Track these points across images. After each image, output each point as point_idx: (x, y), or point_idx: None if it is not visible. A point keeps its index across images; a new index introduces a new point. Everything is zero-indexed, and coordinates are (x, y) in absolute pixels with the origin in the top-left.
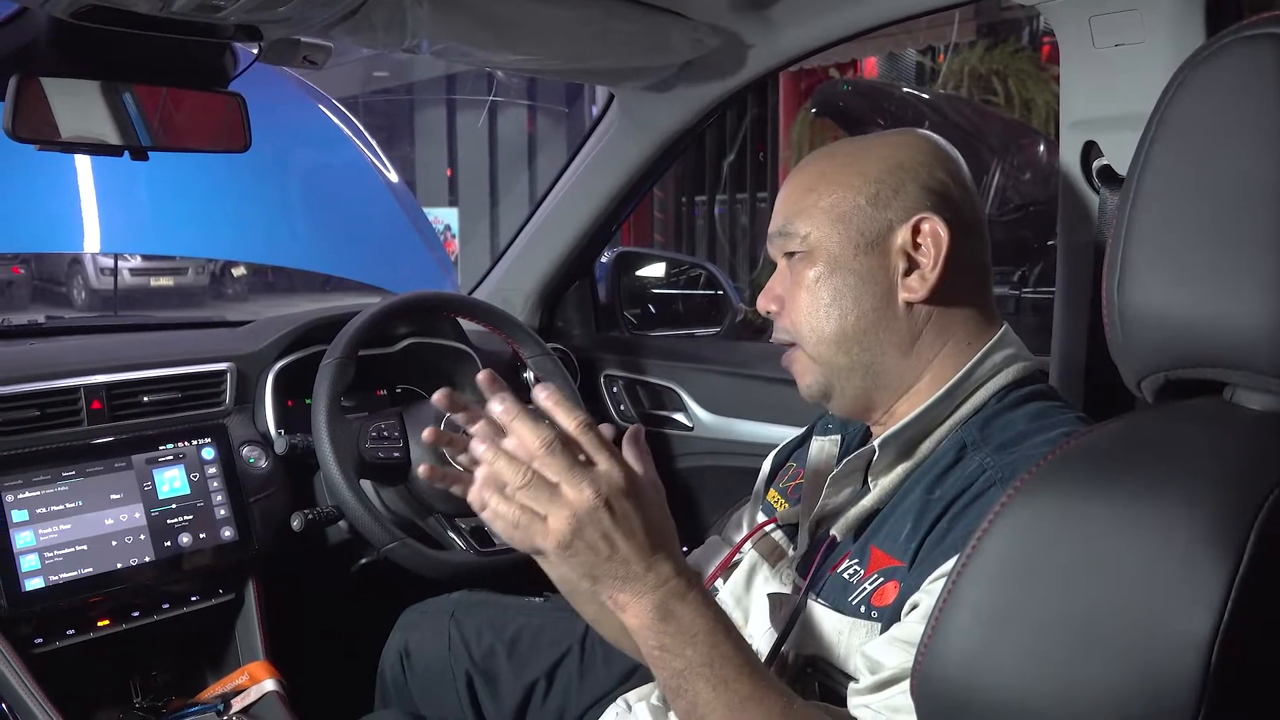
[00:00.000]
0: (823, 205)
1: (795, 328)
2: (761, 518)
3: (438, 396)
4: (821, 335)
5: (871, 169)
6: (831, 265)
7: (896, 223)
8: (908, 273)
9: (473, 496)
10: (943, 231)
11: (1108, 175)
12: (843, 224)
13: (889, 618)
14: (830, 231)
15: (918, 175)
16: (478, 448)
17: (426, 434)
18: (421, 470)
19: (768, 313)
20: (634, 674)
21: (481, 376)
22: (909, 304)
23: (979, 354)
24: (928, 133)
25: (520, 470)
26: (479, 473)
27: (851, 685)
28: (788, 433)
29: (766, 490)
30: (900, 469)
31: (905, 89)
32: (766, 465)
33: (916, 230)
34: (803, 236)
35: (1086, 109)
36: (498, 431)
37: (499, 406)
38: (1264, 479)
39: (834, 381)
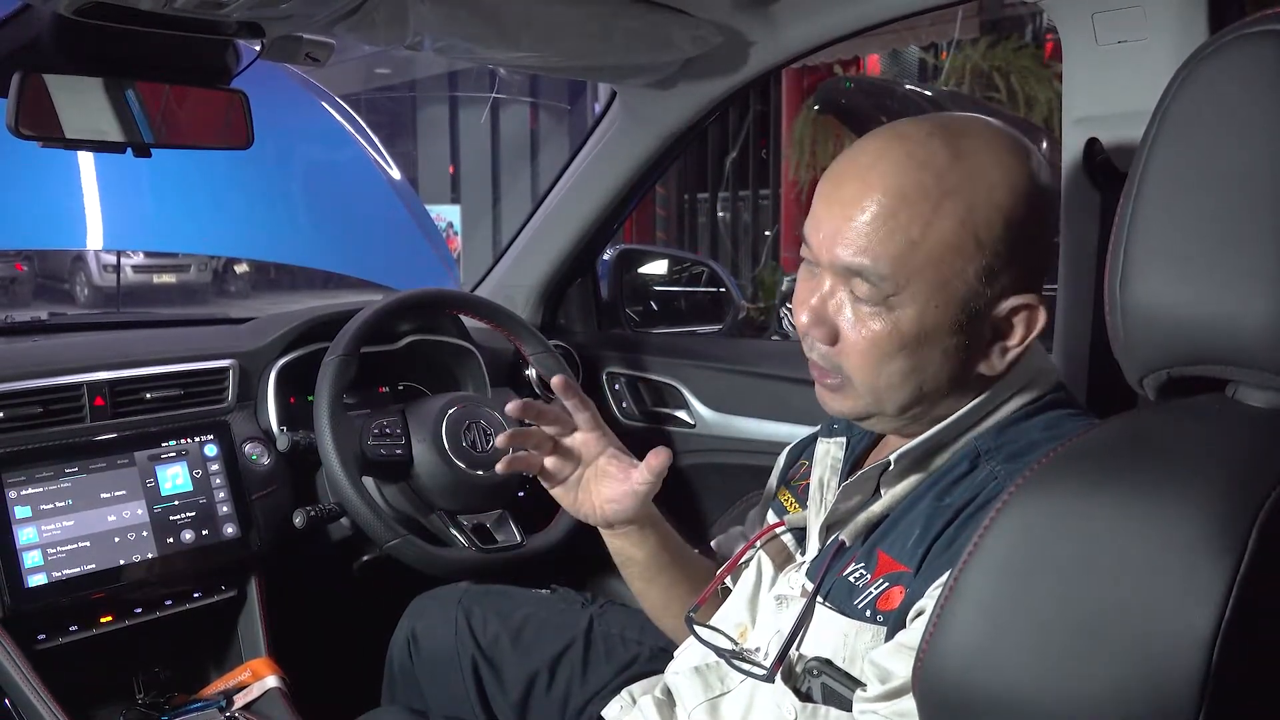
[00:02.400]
0: (921, 258)
1: (850, 375)
2: (772, 517)
3: (511, 408)
4: (884, 398)
5: (985, 229)
6: (919, 341)
7: (1002, 298)
8: (991, 341)
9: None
10: (1041, 316)
11: (1110, 172)
12: (944, 293)
13: (894, 622)
14: (929, 300)
15: (1029, 237)
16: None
17: (502, 439)
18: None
19: (806, 332)
20: (636, 667)
21: (557, 381)
22: (981, 374)
23: (1005, 372)
24: (1029, 145)
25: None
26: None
27: (859, 693)
28: (790, 429)
29: (778, 489)
30: (913, 477)
31: (908, 86)
32: (780, 461)
33: (1015, 310)
34: (889, 292)
35: (1089, 106)
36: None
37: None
38: (1266, 476)
39: (875, 418)
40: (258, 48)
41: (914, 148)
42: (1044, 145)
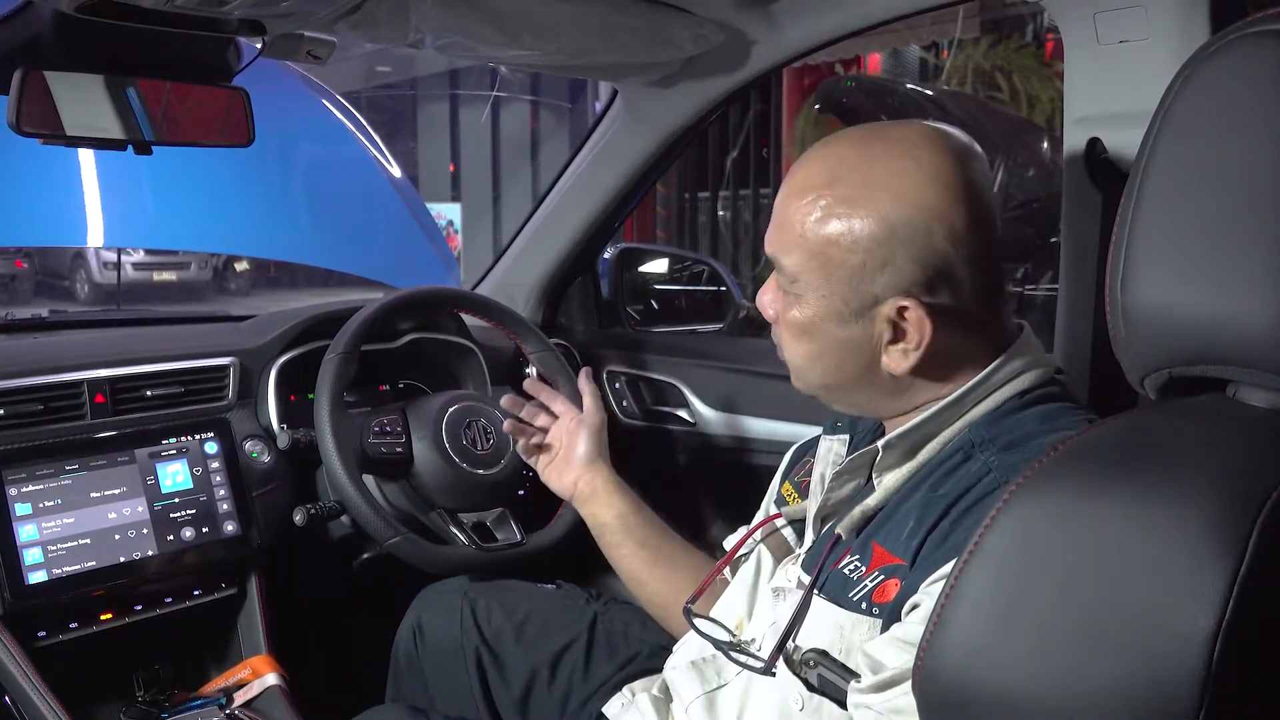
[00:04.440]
0: (811, 248)
1: (782, 354)
2: (774, 510)
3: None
4: (807, 380)
5: (862, 231)
6: (815, 323)
7: (882, 298)
8: (893, 341)
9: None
10: (927, 322)
11: (1111, 172)
12: (829, 284)
13: (889, 615)
14: (817, 287)
15: (912, 245)
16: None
17: (508, 426)
18: (506, 426)
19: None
20: (638, 664)
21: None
22: (892, 373)
23: (995, 362)
24: (958, 153)
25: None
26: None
27: (853, 685)
28: (790, 428)
29: (781, 483)
30: (906, 467)
31: (909, 85)
32: (786, 459)
33: (901, 311)
34: (791, 278)
35: (1090, 105)
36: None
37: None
38: (1267, 476)
39: (821, 399)
40: (259, 45)
41: (830, 150)
42: (1044, 145)
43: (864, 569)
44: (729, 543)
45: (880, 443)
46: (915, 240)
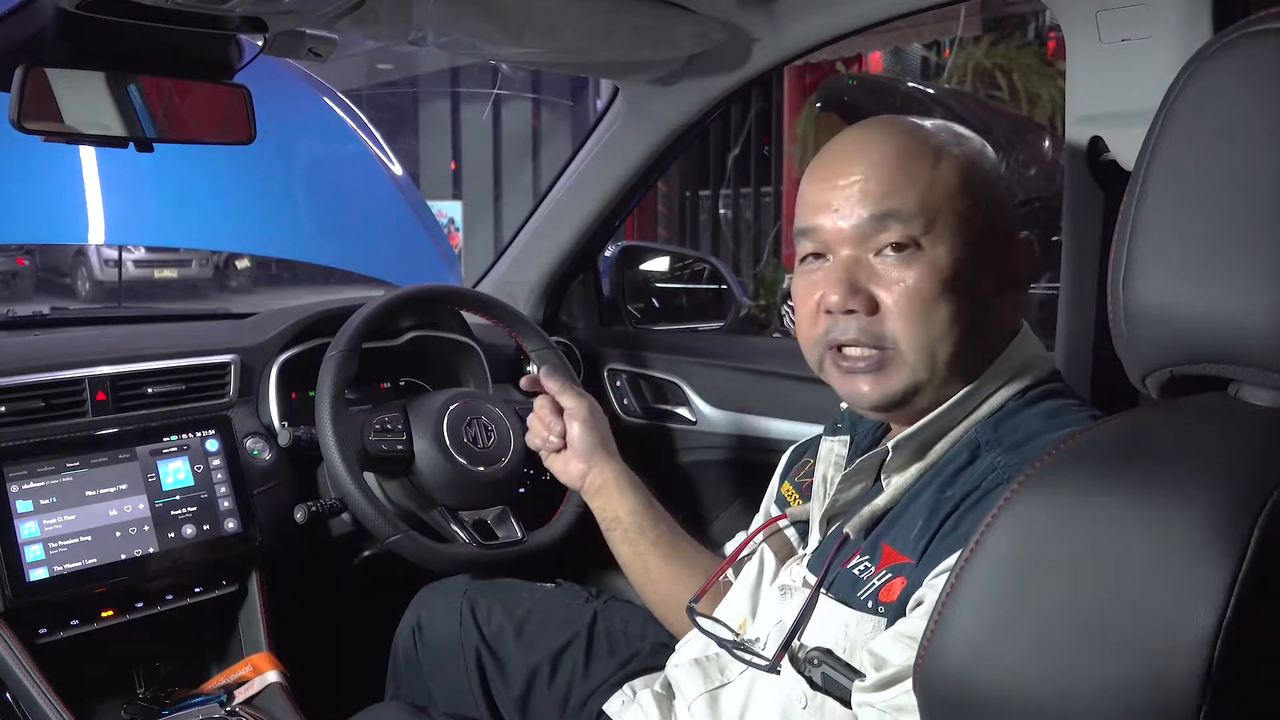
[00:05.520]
0: (941, 190)
1: (895, 339)
2: (775, 511)
3: (525, 382)
4: (934, 353)
5: (977, 173)
6: (956, 277)
7: (1008, 235)
8: (1002, 289)
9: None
10: (1035, 247)
11: (1113, 170)
12: (967, 229)
13: (895, 613)
14: (955, 234)
15: (1003, 199)
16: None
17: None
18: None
19: (846, 310)
20: (638, 662)
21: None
22: (990, 328)
23: (999, 357)
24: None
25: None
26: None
27: (856, 683)
28: (791, 427)
29: (781, 484)
30: (914, 469)
31: (910, 84)
32: (784, 460)
33: (1022, 245)
34: (920, 231)
35: (1092, 104)
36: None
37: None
38: (1268, 475)
39: (920, 390)
40: (260, 43)
41: (890, 127)
42: (1046, 144)
43: (873, 568)
44: (730, 547)
45: (890, 443)
46: (1000, 195)
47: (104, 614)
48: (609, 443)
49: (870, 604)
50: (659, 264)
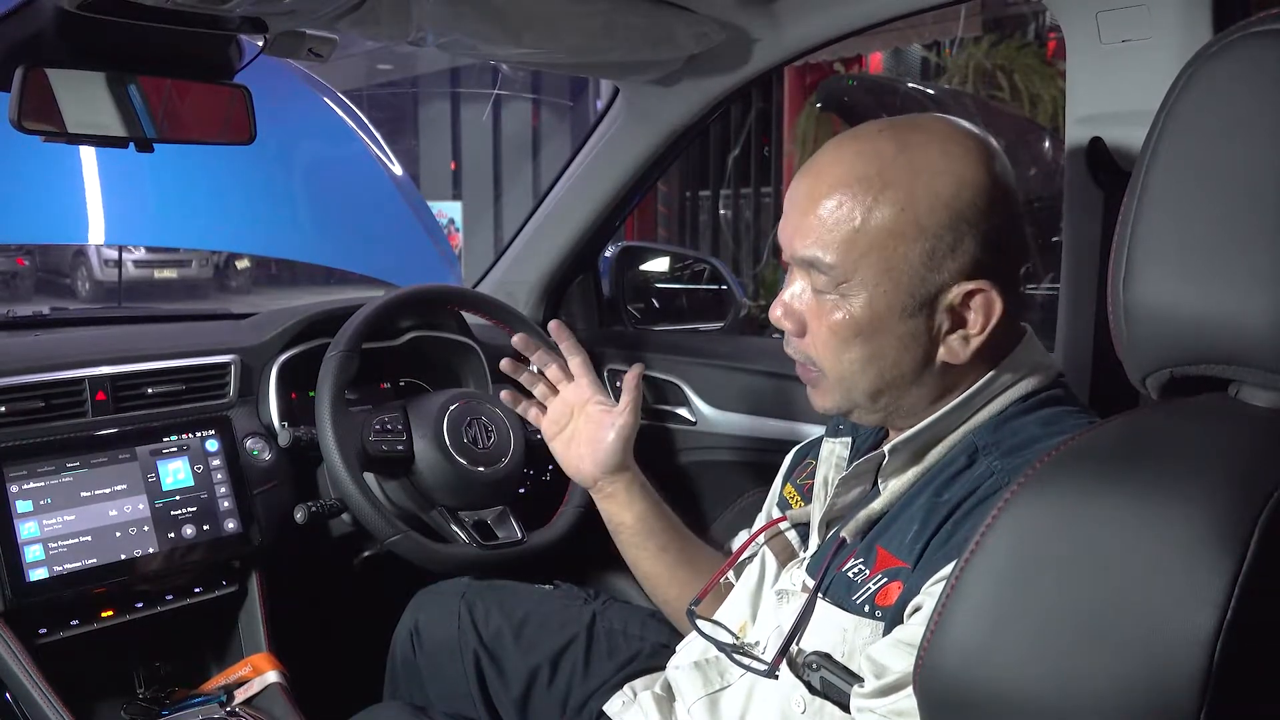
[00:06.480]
0: (865, 243)
1: (819, 364)
2: (777, 513)
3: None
4: (854, 388)
5: (928, 216)
6: (873, 326)
7: (949, 284)
8: (950, 330)
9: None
10: (996, 301)
11: (1113, 171)
12: (890, 279)
13: (892, 617)
14: (877, 285)
15: (977, 226)
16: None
17: (505, 396)
18: (504, 396)
19: (778, 326)
20: (638, 663)
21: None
22: (947, 363)
23: (1000, 365)
24: (985, 141)
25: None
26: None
27: (856, 689)
28: (791, 427)
29: (783, 485)
30: (911, 472)
31: (910, 84)
32: (787, 461)
33: (969, 295)
34: (840, 280)
35: (1093, 105)
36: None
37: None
38: (1268, 476)
39: (856, 410)
40: (260, 43)
41: (863, 145)
42: (1046, 144)
43: (868, 572)
44: (735, 544)
45: (886, 447)
46: (979, 221)
47: (104, 614)
48: (630, 452)
49: (867, 608)
50: (659, 264)
